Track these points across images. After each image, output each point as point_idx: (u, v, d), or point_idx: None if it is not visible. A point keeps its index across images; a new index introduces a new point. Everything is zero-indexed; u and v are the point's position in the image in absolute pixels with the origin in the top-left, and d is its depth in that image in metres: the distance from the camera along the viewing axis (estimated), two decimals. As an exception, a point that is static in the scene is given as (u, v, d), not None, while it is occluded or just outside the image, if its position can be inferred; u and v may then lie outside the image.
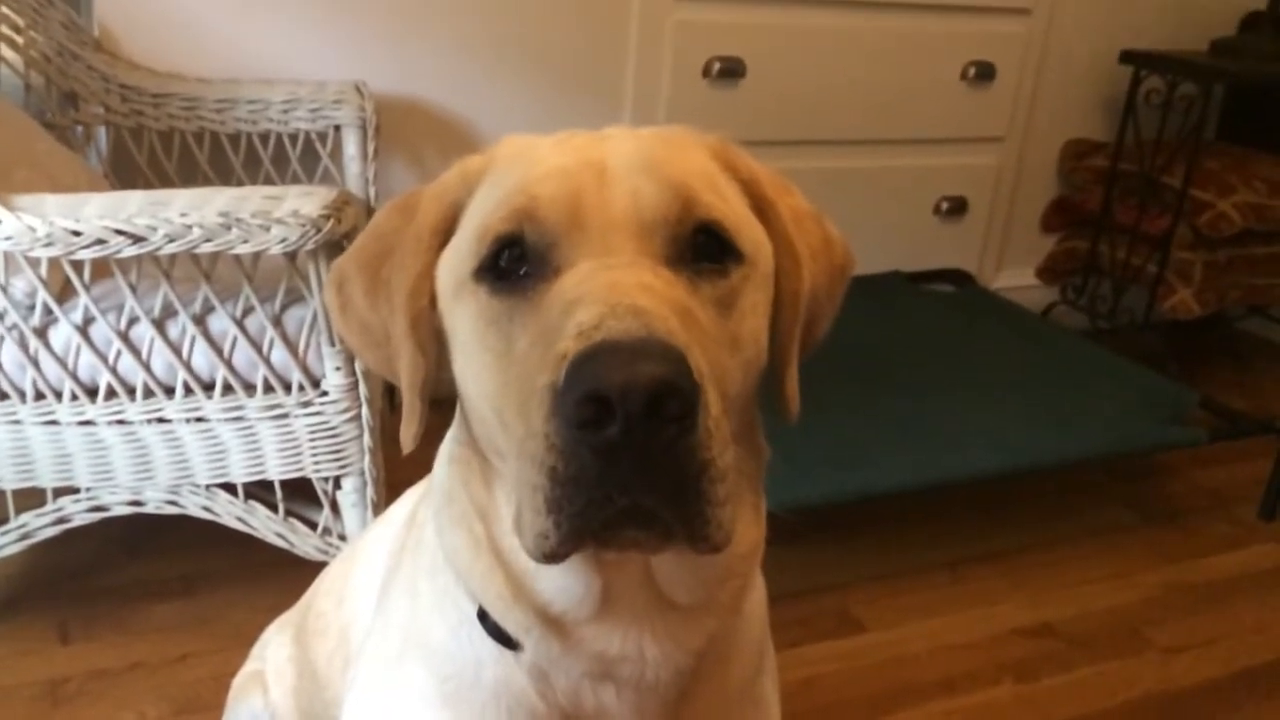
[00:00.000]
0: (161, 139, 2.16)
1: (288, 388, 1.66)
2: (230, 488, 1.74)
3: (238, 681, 1.32)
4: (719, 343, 0.69)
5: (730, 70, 2.69)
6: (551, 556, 0.64)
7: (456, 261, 0.75)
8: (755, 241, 0.76)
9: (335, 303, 0.83)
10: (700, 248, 0.72)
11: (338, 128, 2.20)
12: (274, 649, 1.28)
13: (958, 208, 3.15)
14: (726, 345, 0.70)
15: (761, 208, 0.80)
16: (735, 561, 0.79)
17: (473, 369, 0.72)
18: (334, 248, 1.54)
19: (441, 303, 0.77)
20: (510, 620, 0.77)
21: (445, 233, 0.78)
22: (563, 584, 0.75)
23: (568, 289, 0.66)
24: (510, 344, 0.69)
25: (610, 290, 0.64)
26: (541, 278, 0.69)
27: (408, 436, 0.79)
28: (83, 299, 1.56)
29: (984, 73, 2.99)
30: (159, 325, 1.59)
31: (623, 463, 0.59)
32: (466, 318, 0.73)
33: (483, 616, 0.79)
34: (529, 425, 0.63)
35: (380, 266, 0.80)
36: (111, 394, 1.63)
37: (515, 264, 0.71)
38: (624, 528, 0.63)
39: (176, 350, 1.61)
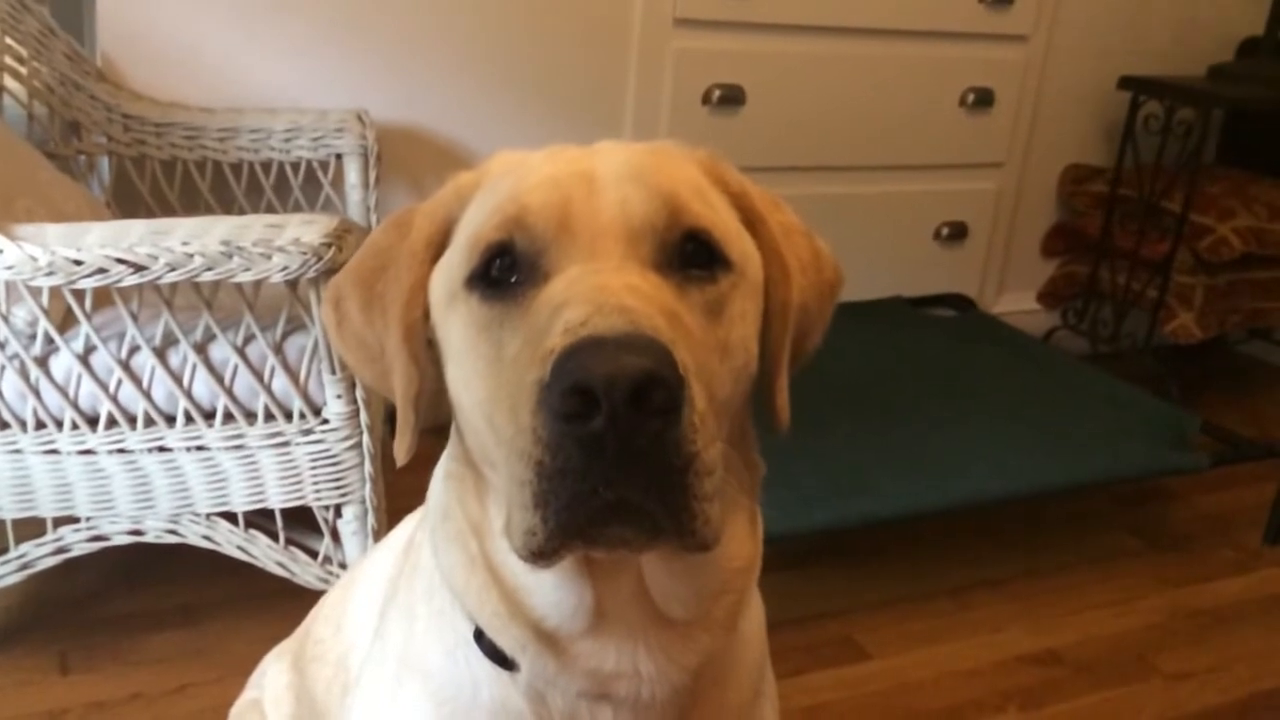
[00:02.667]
0: (164, 168, 2.17)
1: (289, 416, 1.66)
2: (231, 516, 1.74)
3: (235, 710, 1.32)
4: (707, 347, 0.70)
5: (730, 98, 2.70)
6: (539, 555, 0.64)
7: (449, 272, 0.76)
8: (744, 252, 0.77)
9: (332, 319, 0.84)
10: (689, 255, 0.73)
11: (339, 156, 2.21)
12: (272, 676, 1.27)
13: (958, 233, 3.16)
14: (715, 350, 0.71)
15: (751, 220, 0.80)
16: (730, 576, 0.79)
17: (464, 376, 0.73)
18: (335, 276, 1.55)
19: (435, 314, 0.77)
20: (506, 638, 0.77)
21: (438, 246, 0.79)
22: (555, 597, 0.75)
23: (556, 292, 0.67)
24: (501, 349, 0.70)
25: (598, 291, 0.65)
26: (531, 284, 0.70)
27: (401, 449, 0.80)
28: (84, 328, 1.56)
29: (983, 99, 3.01)
30: (160, 354, 1.59)
31: (608, 455, 0.60)
32: (459, 326, 0.74)
33: (479, 637, 0.79)
34: (518, 423, 0.63)
35: (375, 282, 0.81)
36: (112, 423, 1.62)
37: (506, 272, 0.72)
38: (611, 524, 0.63)
39: (177, 379, 1.61)
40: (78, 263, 1.46)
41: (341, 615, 1.12)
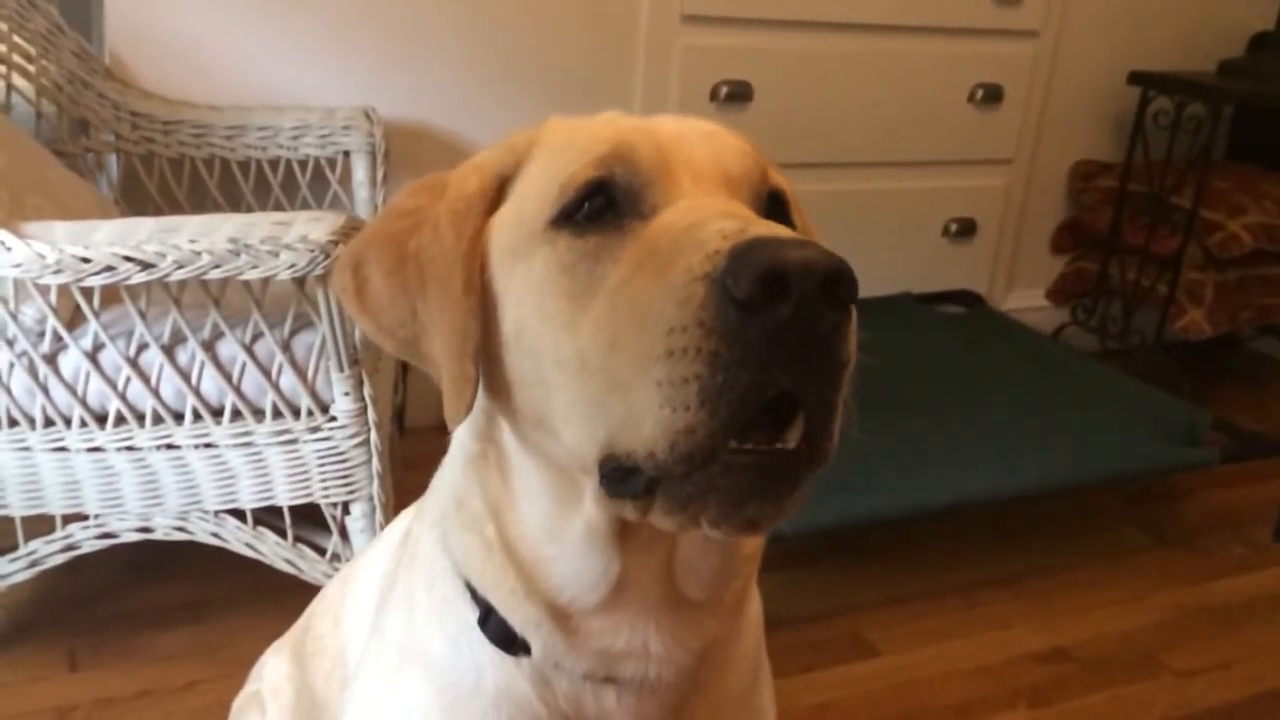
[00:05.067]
0: (172, 166, 2.18)
1: (296, 413, 1.66)
2: (239, 514, 1.74)
3: (237, 703, 1.32)
4: None
5: (738, 94, 2.70)
6: (690, 456, 0.61)
7: (518, 221, 0.74)
8: (803, 226, 0.78)
9: (350, 285, 0.80)
10: (768, 214, 0.73)
11: (347, 153, 2.21)
12: (271, 666, 1.28)
13: (967, 229, 3.15)
14: None
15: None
16: (743, 561, 0.80)
17: (537, 320, 0.71)
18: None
19: (494, 266, 0.75)
20: (519, 616, 0.77)
21: (492, 200, 0.78)
22: (579, 565, 0.75)
23: (680, 215, 0.67)
24: (594, 283, 0.68)
25: (734, 212, 0.66)
26: (636, 216, 0.69)
27: (461, 406, 0.74)
28: (92, 325, 1.56)
29: (992, 95, 3.00)
30: (168, 351, 1.60)
31: (790, 344, 0.59)
32: (535, 271, 0.71)
33: (483, 623, 0.79)
34: (664, 338, 0.61)
35: (407, 241, 0.78)
36: (120, 420, 1.63)
37: (598, 212, 0.70)
38: (764, 425, 0.62)
39: (185, 376, 1.61)
40: (86, 260, 1.46)
41: (340, 610, 1.12)
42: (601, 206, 0.70)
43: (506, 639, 0.78)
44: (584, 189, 0.71)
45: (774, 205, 0.75)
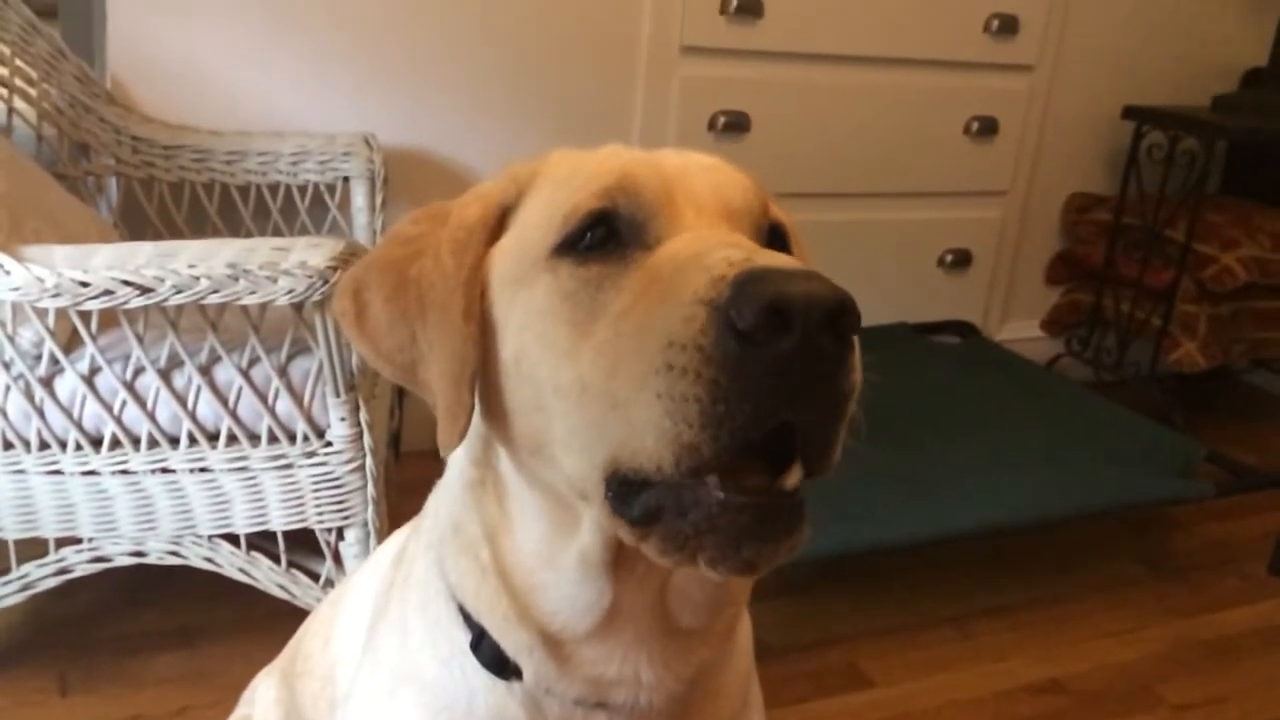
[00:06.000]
0: (171, 190, 2.18)
1: (292, 438, 1.66)
2: (233, 538, 1.74)
3: None
4: None
5: (735, 124, 2.71)
6: (697, 470, 0.61)
7: (520, 250, 0.75)
8: (802, 259, 0.79)
9: (350, 310, 0.80)
10: (768, 247, 0.73)
11: (346, 179, 2.22)
12: (262, 690, 1.28)
13: (962, 260, 3.16)
14: None
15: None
16: (736, 589, 0.81)
17: (538, 347, 0.71)
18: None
19: (494, 294, 0.76)
20: (511, 641, 0.77)
21: (493, 230, 0.78)
22: (571, 592, 0.75)
23: (684, 245, 0.68)
24: (597, 310, 0.68)
25: (739, 243, 0.67)
26: (639, 247, 0.70)
27: (454, 434, 0.74)
28: (89, 349, 1.56)
29: (987, 127, 3.02)
30: (165, 375, 1.60)
31: (794, 377, 0.59)
32: (536, 298, 0.72)
33: (475, 647, 0.80)
34: (662, 351, 0.61)
35: (408, 267, 0.79)
36: (116, 444, 1.63)
37: (599, 243, 0.71)
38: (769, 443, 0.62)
39: (182, 400, 1.61)
40: (84, 285, 1.46)
41: (330, 630, 1.11)
42: (604, 237, 0.71)
43: (499, 663, 0.79)
44: (587, 219, 0.71)
45: (774, 238, 0.76)
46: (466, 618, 0.81)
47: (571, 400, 0.68)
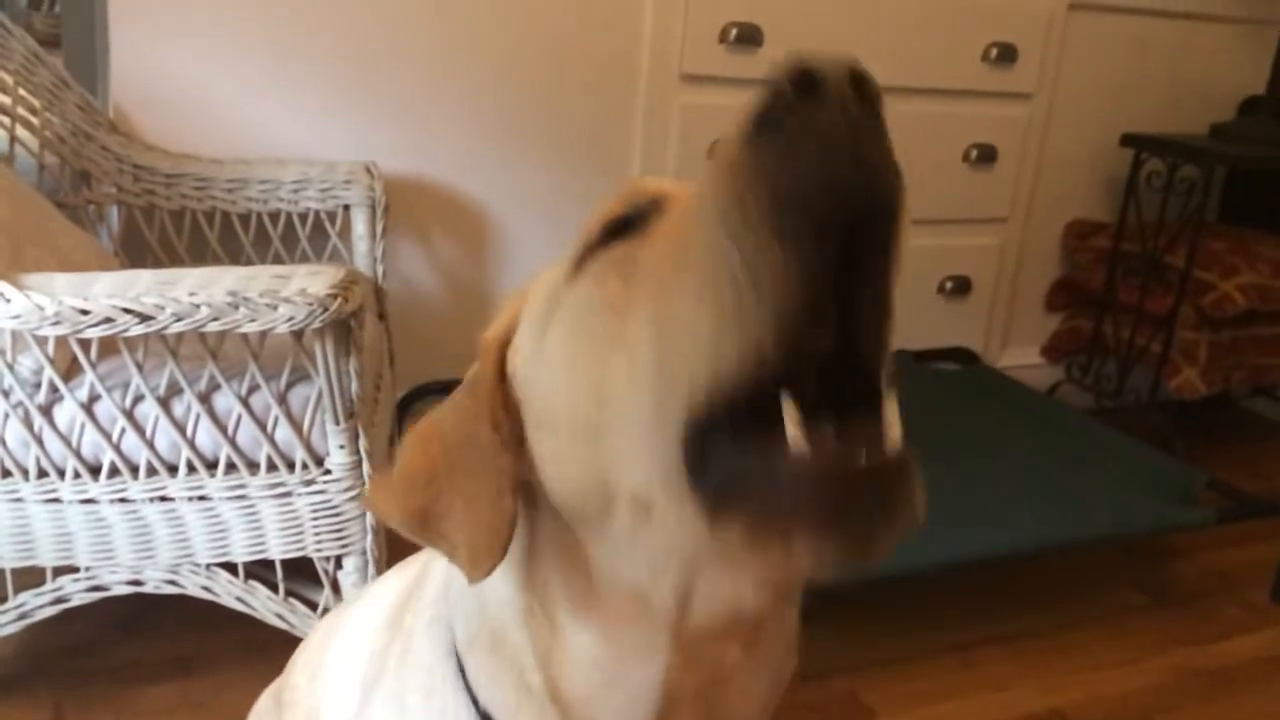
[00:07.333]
0: (172, 218, 2.19)
1: (291, 466, 1.65)
2: (230, 567, 1.73)
3: None
4: None
5: (735, 152, 2.72)
6: (766, 358, 0.53)
7: (535, 315, 0.72)
8: None
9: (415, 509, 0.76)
10: None
11: (347, 207, 2.23)
12: (259, 708, 1.26)
13: (962, 287, 3.17)
14: None
15: None
16: (787, 676, 0.78)
17: (584, 345, 0.65)
18: (341, 326, 1.55)
19: (517, 380, 0.72)
20: None
21: (502, 345, 0.75)
22: (625, 704, 0.71)
23: (688, 189, 0.65)
24: (629, 276, 0.63)
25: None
26: (657, 215, 0.66)
27: (495, 550, 0.69)
28: (89, 376, 1.56)
29: (986, 155, 3.03)
30: (164, 403, 1.60)
31: (840, 160, 0.53)
32: (564, 324, 0.67)
33: None
34: (711, 228, 0.55)
35: (432, 431, 0.77)
36: (115, 472, 1.62)
37: (613, 234, 0.67)
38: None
39: (181, 428, 1.61)
40: (84, 312, 1.46)
41: (318, 665, 1.08)
42: (618, 229, 0.67)
43: None
44: (607, 225, 0.68)
45: None
46: (480, 712, 0.76)
47: (623, 382, 0.60)
